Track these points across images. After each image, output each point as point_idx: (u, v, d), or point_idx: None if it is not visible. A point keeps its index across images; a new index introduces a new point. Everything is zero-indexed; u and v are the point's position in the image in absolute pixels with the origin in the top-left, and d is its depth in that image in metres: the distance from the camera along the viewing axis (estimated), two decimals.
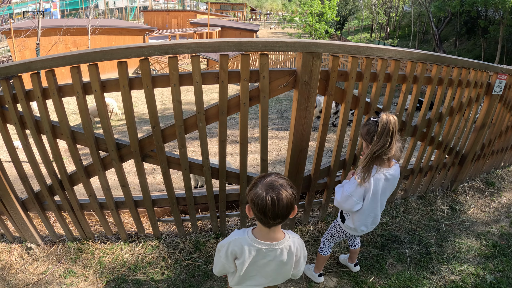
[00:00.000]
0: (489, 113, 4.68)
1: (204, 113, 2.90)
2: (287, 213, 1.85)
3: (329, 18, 34.26)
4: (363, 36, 63.18)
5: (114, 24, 34.00)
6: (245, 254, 1.96)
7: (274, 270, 2.06)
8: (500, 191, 5.49)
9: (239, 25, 57.54)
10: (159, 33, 43.56)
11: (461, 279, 3.45)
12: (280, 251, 1.98)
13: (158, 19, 57.63)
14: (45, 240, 3.70)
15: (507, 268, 3.66)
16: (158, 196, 3.53)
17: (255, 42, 2.69)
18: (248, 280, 2.11)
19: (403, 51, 3.25)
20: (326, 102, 3.11)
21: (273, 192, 1.79)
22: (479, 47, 35.55)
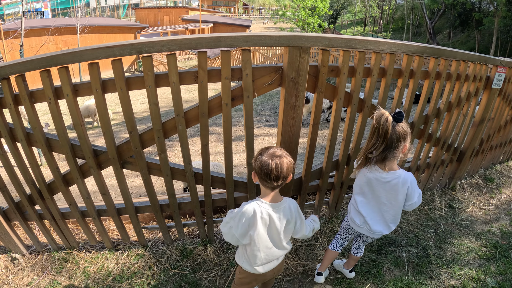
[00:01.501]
0: (488, 108, 4.52)
1: (183, 116, 2.72)
2: (287, 176, 2.22)
3: (321, 12, 34.20)
4: (356, 29, 63.22)
5: (104, 22, 33.80)
6: (257, 217, 2.25)
7: (282, 230, 2.34)
8: (499, 187, 5.34)
9: (231, 20, 57.56)
10: (150, 31, 43.49)
11: (462, 284, 3.28)
12: (283, 208, 2.31)
13: (150, 16, 57.39)
14: (30, 249, 3.58)
15: (509, 271, 3.49)
16: (141, 203, 3.36)
17: (236, 37, 2.48)
18: (266, 253, 2.36)
19: (399, 43, 3.07)
20: (316, 100, 2.90)
21: (276, 158, 2.17)
22: (473, 39, 35.57)
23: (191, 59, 39.19)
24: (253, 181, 2.34)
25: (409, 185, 2.56)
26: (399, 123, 2.39)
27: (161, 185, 6.45)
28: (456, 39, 40.02)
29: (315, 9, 34.02)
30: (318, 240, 3.64)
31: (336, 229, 3.78)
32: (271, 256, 2.39)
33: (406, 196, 2.59)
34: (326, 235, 3.71)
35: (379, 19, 58.91)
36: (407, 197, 2.60)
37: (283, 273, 3.28)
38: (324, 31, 42.57)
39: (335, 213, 3.91)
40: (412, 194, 2.59)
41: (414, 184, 2.59)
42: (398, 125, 2.38)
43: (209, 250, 3.47)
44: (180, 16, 54.83)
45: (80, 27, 25.45)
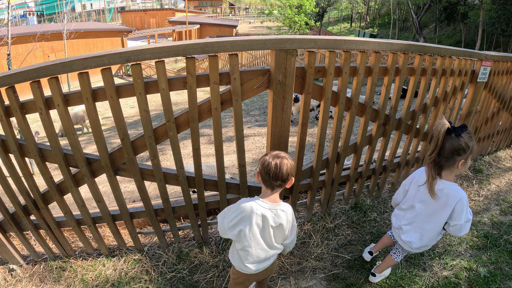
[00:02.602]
0: (475, 101, 4.60)
1: (174, 121, 2.74)
2: (286, 178, 2.28)
3: (308, 10, 34.26)
4: (343, 26, 63.38)
5: (91, 27, 33.55)
6: (253, 214, 2.30)
7: (274, 230, 2.39)
8: (488, 178, 5.42)
9: (218, 21, 57.34)
10: (137, 34, 43.25)
11: (454, 274, 3.35)
12: (280, 211, 2.36)
13: (136, 19, 57.16)
14: (27, 260, 3.56)
15: (500, 260, 3.57)
16: (135, 209, 3.37)
17: (223, 42, 2.51)
18: (258, 252, 2.40)
19: (384, 42, 3.12)
20: (304, 100, 2.95)
21: (277, 159, 2.26)
22: (459, 33, 35.81)
23: (179, 61, 39.08)
24: (257, 180, 2.42)
25: (459, 201, 2.46)
26: (460, 136, 2.33)
27: (154, 189, 6.47)
28: (442, 32, 40.27)
29: (301, 7, 34.06)
30: (312, 238, 3.68)
31: (328, 226, 3.83)
32: (262, 254, 2.41)
33: (452, 213, 2.50)
34: (320, 232, 3.76)
35: (366, 15, 59.10)
36: (453, 216, 2.51)
37: (278, 271, 3.32)
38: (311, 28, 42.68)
39: (327, 210, 3.96)
40: (460, 215, 2.48)
41: (465, 204, 2.48)
42: (457, 137, 2.33)
43: (205, 252, 3.50)
44: (166, 18, 54.61)
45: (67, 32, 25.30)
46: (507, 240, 3.89)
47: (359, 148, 3.65)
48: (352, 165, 3.78)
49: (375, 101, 8.47)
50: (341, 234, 3.76)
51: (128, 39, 38.17)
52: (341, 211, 4.07)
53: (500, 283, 3.27)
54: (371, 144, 3.73)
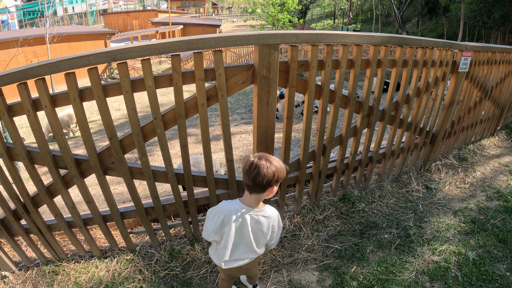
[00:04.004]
0: (457, 91, 4.68)
1: (161, 119, 2.77)
2: (263, 183, 2.12)
3: (290, 8, 34.26)
4: (326, 22, 63.63)
5: (73, 31, 33.26)
6: (232, 218, 2.25)
7: (254, 234, 2.33)
8: (473, 165, 5.52)
9: (201, 21, 57.31)
10: (120, 36, 43.05)
11: (444, 259, 3.43)
12: (261, 217, 2.29)
13: (119, 21, 56.76)
14: (19, 266, 3.52)
15: (488, 243, 3.66)
16: (126, 208, 3.38)
17: (207, 39, 2.54)
18: (234, 252, 2.37)
19: (364, 35, 3.18)
20: (288, 94, 3.00)
21: (260, 160, 2.12)
22: (441, 26, 36.13)
23: (163, 62, 38.95)
24: None
25: None
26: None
27: (143, 190, 6.46)
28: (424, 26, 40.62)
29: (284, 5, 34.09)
30: (302, 230, 3.74)
31: (318, 217, 3.89)
32: (239, 256, 2.40)
33: None
34: (309, 224, 3.81)
35: (348, 11, 59.35)
36: None
37: (270, 264, 3.36)
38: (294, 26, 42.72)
39: (316, 202, 4.02)
40: None
41: None
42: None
43: (197, 248, 3.52)
44: (149, 19, 54.34)
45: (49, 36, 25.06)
46: (494, 224, 3.99)
47: (345, 140, 3.71)
48: (338, 157, 3.84)
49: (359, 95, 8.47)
50: (330, 225, 3.82)
51: (111, 41, 37.91)
52: (330, 203, 4.13)
53: (490, 265, 3.36)
54: (356, 135, 3.80)
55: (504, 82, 6.36)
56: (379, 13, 50.07)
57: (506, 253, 3.54)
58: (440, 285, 3.14)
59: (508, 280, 3.21)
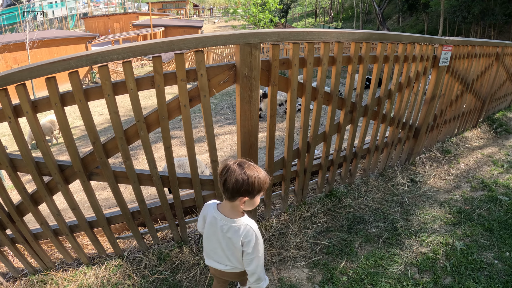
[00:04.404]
0: (438, 85, 4.73)
1: (144, 121, 2.76)
2: (231, 190, 1.98)
3: (272, 7, 34.29)
4: (308, 21, 63.84)
5: (54, 35, 32.80)
6: (208, 217, 2.23)
7: (225, 245, 2.21)
8: (457, 157, 5.59)
9: (182, 22, 57.01)
10: (102, 39, 42.62)
11: (432, 250, 3.46)
12: (228, 227, 2.14)
13: (100, 25, 56.12)
14: (6, 277, 3.46)
15: (475, 233, 3.71)
16: (112, 213, 3.34)
17: (188, 39, 2.54)
18: (213, 252, 2.32)
19: (345, 32, 3.20)
20: (271, 92, 3.01)
21: (234, 165, 1.98)
22: (421, 22, 36.48)
23: (145, 65, 38.64)
24: None
25: None
26: None
27: (129, 194, 6.41)
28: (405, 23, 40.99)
29: (265, 5, 34.12)
30: (290, 228, 3.74)
31: (305, 215, 3.90)
32: (218, 259, 2.32)
33: None
34: (297, 222, 3.82)
35: (329, 10, 59.62)
36: None
37: None
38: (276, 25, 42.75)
39: (303, 199, 4.03)
40: None
41: None
42: None
43: (185, 251, 3.51)
44: (130, 22, 53.90)
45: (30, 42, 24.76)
46: (480, 214, 4.05)
47: (328, 136, 3.73)
48: (323, 154, 3.86)
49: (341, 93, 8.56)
50: (318, 222, 3.83)
51: (93, 45, 37.53)
52: (316, 200, 4.14)
53: (477, 254, 3.40)
54: (339, 132, 3.82)
55: (484, 75, 6.46)
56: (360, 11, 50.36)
57: (492, 241, 3.60)
58: (429, 276, 3.17)
59: (496, 267, 3.25)
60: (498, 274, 3.19)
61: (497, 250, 3.48)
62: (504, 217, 4.01)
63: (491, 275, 3.17)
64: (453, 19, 28.75)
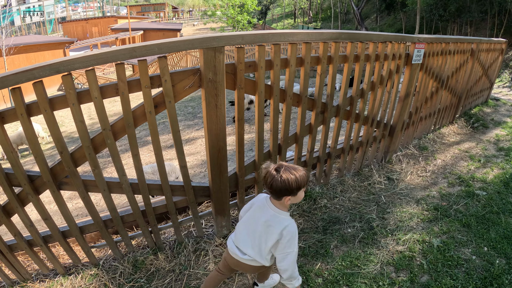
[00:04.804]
0: (411, 83, 4.76)
1: (110, 129, 2.72)
2: (277, 192, 2.24)
3: (250, 9, 34.38)
4: (287, 22, 63.96)
5: (31, 41, 32.10)
6: (256, 203, 2.46)
7: (260, 233, 2.38)
8: (434, 154, 5.63)
9: (161, 25, 56.61)
10: (80, 44, 42.09)
11: (408, 248, 3.47)
12: (274, 217, 2.34)
13: (78, 29, 55.34)
14: None
15: (452, 229, 3.73)
16: (85, 222, 3.30)
17: (150, 45, 2.51)
18: (240, 237, 2.50)
19: (313, 32, 3.19)
20: (237, 96, 2.99)
21: (273, 170, 2.22)
22: (399, 21, 36.70)
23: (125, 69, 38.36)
24: None
25: None
26: None
27: (96, 201, 6.35)
28: (383, 22, 41.20)
29: (243, 6, 34.18)
30: None
31: None
32: (242, 246, 2.48)
33: None
34: None
35: (308, 10, 59.77)
36: None
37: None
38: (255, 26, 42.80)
39: None
40: None
41: None
42: None
43: (160, 258, 3.47)
44: (109, 26, 53.33)
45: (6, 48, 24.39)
46: (457, 209, 4.08)
47: (300, 138, 3.72)
48: (295, 155, 3.85)
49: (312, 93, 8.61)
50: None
51: (71, 50, 36.96)
52: None
53: (455, 251, 3.42)
54: (311, 132, 3.81)
55: (460, 71, 6.52)
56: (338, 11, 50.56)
57: (470, 237, 3.62)
58: (405, 275, 3.17)
59: (474, 263, 3.27)
60: (476, 270, 3.20)
61: (474, 246, 3.50)
62: (482, 211, 4.05)
63: (469, 271, 3.18)
64: (430, 17, 28.97)
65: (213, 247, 3.54)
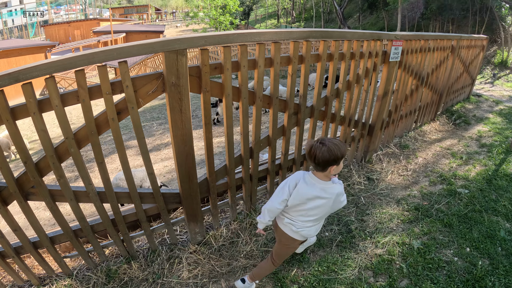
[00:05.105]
0: (390, 81, 4.70)
1: (73, 137, 2.62)
2: (323, 163, 2.45)
3: (232, 9, 34.37)
4: (270, 22, 63.96)
5: (12, 45, 31.65)
6: (301, 181, 2.61)
7: (316, 203, 2.61)
8: (415, 152, 5.58)
9: (144, 27, 56.27)
10: (62, 47, 41.53)
11: (387, 251, 3.39)
12: (326, 188, 2.57)
13: (60, 32, 54.70)
14: None
15: (433, 229, 3.66)
16: (55, 232, 3.20)
17: (109, 50, 2.41)
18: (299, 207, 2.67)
19: (282, 31, 3.11)
20: (203, 99, 2.89)
21: (317, 143, 2.45)
22: (382, 20, 36.77)
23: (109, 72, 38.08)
24: None
25: None
26: None
27: (85, 209, 6.23)
28: (366, 21, 41.27)
29: (225, 7, 34.17)
30: (240, 236, 3.63)
31: (256, 222, 3.77)
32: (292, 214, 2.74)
33: None
34: (247, 230, 3.71)
35: (291, 10, 59.86)
36: None
37: (208, 275, 3.25)
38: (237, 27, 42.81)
39: (252, 206, 3.92)
40: None
41: None
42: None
43: (134, 266, 3.39)
44: (91, 28, 52.92)
45: None
46: (439, 209, 4.02)
47: (273, 141, 3.63)
48: (269, 158, 3.76)
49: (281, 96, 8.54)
50: (269, 228, 3.71)
51: (53, 54, 36.42)
52: None
53: (436, 253, 3.35)
54: (285, 135, 3.73)
55: (440, 68, 6.49)
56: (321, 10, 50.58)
57: (452, 237, 3.56)
58: (384, 279, 3.11)
59: (455, 265, 3.20)
60: (458, 272, 3.13)
61: (456, 247, 3.44)
62: (464, 210, 3.99)
63: (451, 274, 3.11)
64: (411, 15, 29.10)
65: (187, 254, 3.45)
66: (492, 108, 9.09)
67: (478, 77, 18.80)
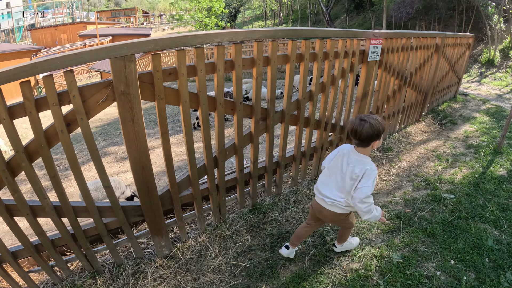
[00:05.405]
0: (369, 81, 4.55)
1: (24, 151, 2.47)
2: (367, 139, 2.61)
3: (217, 12, 34.32)
4: (258, 24, 63.96)
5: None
6: (341, 151, 2.85)
7: (344, 175, 2.76)
8: (398, 155, 5.43)
9: (130, 31, 55.86)
10: (47, 52, 41.15)
11: (364, 265, 3.20)
12: (359, 161, 2.71)
13: (47, 36, 54.10)
14: None
15: (414, 240, 3.47)
16: (17, 247, 3.05)
17: (52, 60, 2.25)
18: (326, 181, 2.91)
19: (242, 32, 2.97)
20: (158, 107, 2.72)
21: (358, 120, 2.60)
22: (369, 20, 36.79)
23: (93, 76, 37.80)
24: None
25: None
26: None
27: (44, 223, 6.05)
28: (353, 22, 41.28)
29: (211, 9, 34.11)
30: (209, 249, 3.43)
31: (226, 233, 3.60)
32: (325, 186, 2.89)
33: None
34: (217, 242, 3.52)
35: (279, 12, 59.92)
36: None
37: None
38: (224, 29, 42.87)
39: (222, 217, 3.74)
40: None
41: None
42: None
43: (99, 281, 3.21)
44: (77, 32, 52.61)
45: None
46: (422, 217, 3.84)
47: (239, 148, 3.46)
48: (237, 167, 3.58)
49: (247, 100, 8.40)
50: (239, 240, 3.53)
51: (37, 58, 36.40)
52: (239, 216, 3.84)
53: (416, 267, 3.15)
54: (253, 142, 3.55)
55: (424, 68, 6.37)
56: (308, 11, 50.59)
57: (435, 248, 3.37)
58: None
59: (438, 281, 3.00)
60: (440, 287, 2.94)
61: (440, 259, 3.24)
62: (449, 218, 3.81)
63: None
64: (397, 15, 29.10)
65: (153, 268, 3.27)
66: (479, 107, 8.97)
67: (465, 76, 18.78)
